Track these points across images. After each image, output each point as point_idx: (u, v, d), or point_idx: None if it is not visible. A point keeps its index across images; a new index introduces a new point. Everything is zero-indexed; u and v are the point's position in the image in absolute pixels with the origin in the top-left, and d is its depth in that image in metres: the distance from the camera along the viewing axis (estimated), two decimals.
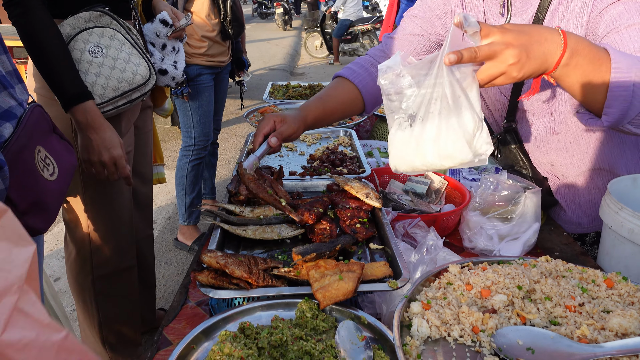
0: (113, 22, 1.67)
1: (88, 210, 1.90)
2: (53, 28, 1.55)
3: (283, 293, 1.04)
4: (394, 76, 0.98)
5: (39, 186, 1.23)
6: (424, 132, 0.98)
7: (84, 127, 1.62)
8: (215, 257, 1.05)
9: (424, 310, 0.94)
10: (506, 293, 0.96)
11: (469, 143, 0.94)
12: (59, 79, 1.57)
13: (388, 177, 1.80)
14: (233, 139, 6.22)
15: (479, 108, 0.94)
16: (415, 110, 0.98)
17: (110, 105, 1.69)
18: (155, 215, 4.20)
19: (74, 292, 2.11)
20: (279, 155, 1.98)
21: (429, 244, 1.16)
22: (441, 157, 0.98)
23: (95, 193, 1.88)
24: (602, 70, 0.98)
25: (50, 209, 1.28)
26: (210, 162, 3.91)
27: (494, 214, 1.51)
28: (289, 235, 1.26)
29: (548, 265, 1.06)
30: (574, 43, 0.96)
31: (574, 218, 1.66)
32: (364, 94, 1.53)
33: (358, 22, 11.49)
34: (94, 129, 1.62)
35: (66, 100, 1.59)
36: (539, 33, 0.95)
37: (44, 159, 1.27)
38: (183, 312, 1.27)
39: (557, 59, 0.95)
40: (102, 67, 1.65)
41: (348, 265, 1.06)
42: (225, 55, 3.33)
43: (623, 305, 0.95)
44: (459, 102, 0.93)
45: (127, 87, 1.70)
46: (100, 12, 1.65)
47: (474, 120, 0.93)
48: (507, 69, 0.92)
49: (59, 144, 1.35)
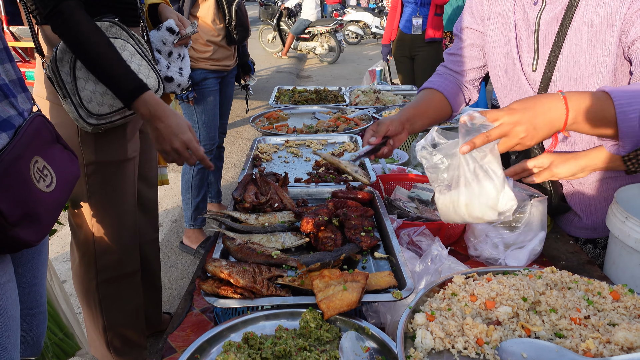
0: (123, 32, 1.69)
1: (93, 216, 1.91)
2: (95, 28, 1.56)
3: (287, 303, 1.04)
4: (428, 154, 1.19)
5: (32, 198, 1.20)
6: (458, 199, 1.16)
7: (148, 119, 1.61)
8: (220, 267, 1.05)
9: (428, 322, 0.93)
10: (511, 305, 0.96)
11: (492, 207, 1.14)
12: (115, 78, 1.58)
13: (394, 183, 1.80)
14: (239, 142, 6.24)
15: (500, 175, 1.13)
16: (449, 181, 1.18)
17: (119, 115, 1.71)
18: (161, 219, 4.22)
19: (80, 296, 2.12)
20: (285, 161, 1.99)
21: (434, 254, 1.16)
22: (473, 217, 1.18)
23: (101, 198, 1.89)
24: (608, 116, 1.09)
25: (43, 221, 1.24)
26: (216, 165, 3.92)
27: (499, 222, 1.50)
28: (293, 244, 1.26)
29: (553, 276, 1.06)
30: (575, 105, 1.09)
31: (589, 224, 1.65)
32: (448, 98, 1.73)
33: (318, 24, 12.27)
34: (158, 119, 1.61)
35: (126, 96, 1.59)
36: (542, 104, 1.10)
37: (41, 170, 1.24)
38: (188, 320, 1.27)
39: (563, 123, 1.10)
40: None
41: (352, 275, 1.06)
42: (231, 60, 3.34)
43: (629, 318, 0.94)
44: (479, 177, 1.13)
45: None
46: (110, 23, 1.66)
47: (495, 189, 1.12)
48: (520, 141, 1.09)
49: (62, 154, 1.33)
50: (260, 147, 2.12)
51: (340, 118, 2.54)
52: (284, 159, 2.02)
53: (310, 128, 2.45)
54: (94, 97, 1.66)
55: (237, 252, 1.20)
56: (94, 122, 1.68)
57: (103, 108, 1.69)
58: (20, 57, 6.40)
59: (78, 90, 1.64)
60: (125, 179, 1.96)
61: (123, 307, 2.16)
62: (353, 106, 2.95)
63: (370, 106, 2.93)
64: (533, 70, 1.50)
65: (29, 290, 1.44)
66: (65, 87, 1.63)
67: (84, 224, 1.95)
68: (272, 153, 2.08)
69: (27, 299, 1.43)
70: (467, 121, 1.10)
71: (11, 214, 1.12)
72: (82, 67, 1.63)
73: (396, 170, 1.99)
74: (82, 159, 1.81)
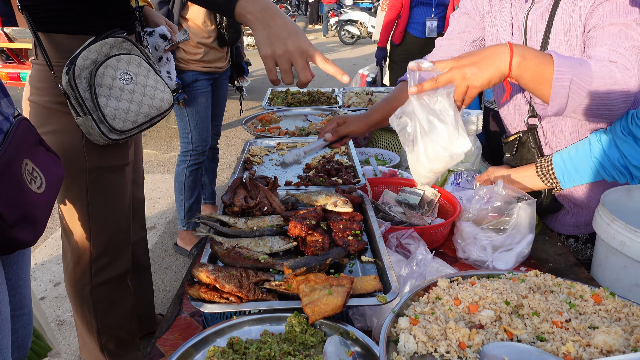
0: (133, 47, 1.71)
1: (91, 220, 1.90)
2: None
3: (273, 307, 1.04)
4: (396, 118, 1.32)
5: (27, 199, 1.23)
6: (419, 150, 1.28)
7: (260, 17, 1.26)
8: (206, 272, 1.06)
9: (412, 326, 0.94)
10: (493, 308, 0.97)
11: (445, 147, 1.23)
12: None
13: (383, 186, 1.81)
14: (234, 143, 6.24)
15: (453, 122, 1.22)
16: (413, 135, 1.29)
17: (137, 130, 1.73)
18: (156, 220, 4.22)
19: (72, 301, 2.12)
20: (276, 164, 1.99)
21: (419, 257, 1.17)
22: (430, 160, 1.28)
23: (100, 203, 1.89)
24: (547, 71, 1.20)
25: (38, 221, 1.28)
26: (210, 167, 3.92)
27: (487, 225, 1.51)
28: (281, 249, 1.27)
29: (537, 279, 1.07)
30: (520, 50, 1.20)
31: (574, 222, 1.67)
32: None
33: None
34: (272, 14, 1.26)
35: (227, 1, 1.28)
36: (488, 49, 1.22)
37: (32, 172, 1.28)
38: (177, 323, 1.28)
39: (508, 65, 1.20)
40: (134, 94, 1.70)
41: (338, 279, 1.07)
42: (223, 61, 3.34)
43: (610, 321, 0.95)
44: (433, 122, 1.23)
45: (156, 113, 1.77)
46: (123, 39, 1.67)
47: (447, 130, 1.22)
48: (468, 82, 1.19)
49: (46, 156, 1.36)
50: (252, 149, 2.13)
51: None
52: (275, 161, 2.02)
53: (302, 130, 2.46)
54: (117, 114, 1.67)
55: (224, 256, 1.21)
56: (116, 137, 1.70)
57: (127, 124, 1.71)
58: (14, 58, 6.39)
59: (101, 108, 1.64)
60: (124, 183, 1.96)
61: (116, 309, 2.16)
62: (346, 108, 2.96)
63: (363, 108, 2.94)
64: None
65: (15, 292, 1.45)
66: (85, 104, 1.63)
67: (81, 229, 1.94)
68: (264, 156, 2.09)
69: (13, 300, 1.45)
70: (414, 67, 1.22)
71: (9, 216, 1.16)
72: (102, 84, 1.63)
73: (387, 173, 1.99)
74: (86, 165, 1.80)
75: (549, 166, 1.48)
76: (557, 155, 1.46)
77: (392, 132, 2.41)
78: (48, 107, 1.74)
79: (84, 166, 1.80)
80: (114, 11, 1.72)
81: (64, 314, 3.02)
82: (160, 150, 5.90)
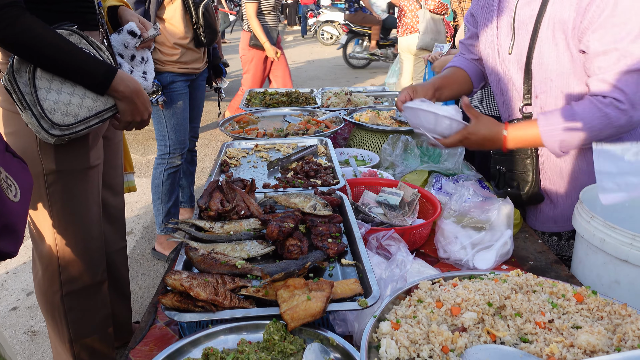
0: (82, 40, 1.62)
1: (55, 226, 1.84)
2: (47, 28, 1.50)
3: (250, 315, 1.01)
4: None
5: (7, 208, 1.18)
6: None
7: (129, 95, 1.66)
8: (180, 280, 1.02)
9: (393, 330, 0.92)
10: (476, 310, 0.95)
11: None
12: (83, 67, 1.56)
13: (363, 187, 1.78)
14: (213, 145, 6.16)
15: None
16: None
17: (83, 124, 1.64)
18: (133, 225, 4.13)
19: (43, 309, 2.04)
20: (254, 167, 1.95)
21: (399, 259, 1.14)
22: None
23: (63, 208, 1.82)
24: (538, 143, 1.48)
25: (18, 231, 1.23)
26: (189, 170, 3.85)
27: (467, 222, 1.50)
28: (258, 253, 1.23)
29: (519, 279, 1.05)
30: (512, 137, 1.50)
31: (558, 213, 1.67)
32: (470, 75, 1.92)
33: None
34: (137, 92, 1.68)
35: (101, 81, 1.60)
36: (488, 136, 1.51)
37: (6, 180, 1.22)
38: (151, 333, 1.23)
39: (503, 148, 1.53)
40: (77, 86, 1.62)
41: (317, 284, 1.03)
42: (200, 62, 3.28)
43: (592, 320, 0.94)
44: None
45: (102, 107, 1.66)
46: (69, 31, 1.60)
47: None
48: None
49: (14, 163, 1.29)
50: (229, 152, 2.08)
51: (311, 121, 2.52)
52: (252, 163, 1.98)
53: (280, 132, 2.42)
54: (57, 107, 1.59)
55: (200, 263, 1.16)
56: (58, 133, 1.61)
57: (68, 118, 1.62)
58: None
59: (40, 101, 1.56)
60: (88, 188, 1.89)
61: (90, 318, 2.09)
62: (324, 108, 2.93)
63: (342, 108, 2.92)
64: (509, 54, 1.61)
65: None
66: (25, 99, 1.56)
67: (46, 235, 1.87)
68: (241, 158, 2.04)
69: None
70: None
71: None
72: (42, 77, 1.56)
73: (367, 173, 1.97)
74: (42, 168, 1.74)
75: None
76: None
77: (372, 132, 2.39)
78: (3, 107, 1.68)
79: (40, 170, 1.73)
80: (65, 5, 1.66)
81: (37, 324, 2.92)
82: (137, 153, 5.78)
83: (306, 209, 1.39)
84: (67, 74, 1.57)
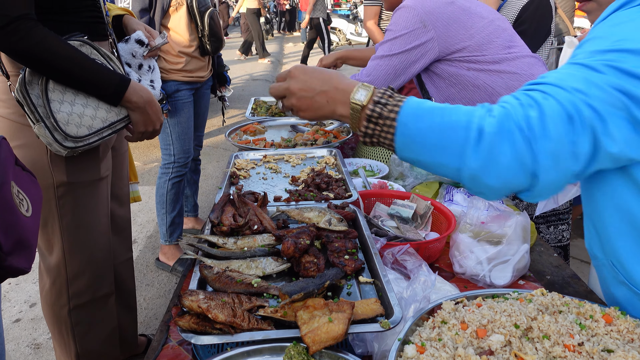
0: (93, 51, 1.61)
1: (64, 239, 1.81)
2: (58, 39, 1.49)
3: (270, 337, 0.98)
4: None
5: (20, 224, 1.17)
6: None
7: (142, 106, 1.67)
8: (197, 301, 0.99)
9: (419, 355, 0.89)
10: (503, 332, 0.92)
11: None
12: (96, 78, 1.56)
13: (374, 199, 1.76)
14: (216, 153, 6.14)
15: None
16: None
17: (96, 136, 1.63)
18: (136, 235, 4.10)
19: (50, 323, 2.01)
20: (263, 178, 1.93)
21: (421, 279, 1.12)
22: None
23: (73, 221, 1.80)
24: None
25: (32, 246, 1.22)
26: (193, 178, 3.83)
27: (484, 237, 1.48)
28: (274, 270, 1.21)
29: (544, 299, 1.03)
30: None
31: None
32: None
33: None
34: (150, 102, 1.69)
35: (115, 92, 1.60)
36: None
37: (18, 195, 1.20)
38: (164, 353, 1.20)
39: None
40: (89, 97, 1.61)
41: (338, 304, 1.01)
42: (205, 70, 3.26)
43: (623, 342, 0.91)
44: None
45: (115, 118, 1.66)
46: (80, 42, 1.58)
47: None
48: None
49: (24, 177, 1.28)
50: (238, 163, 2.06)
51: (319, 131, 2.50)
52: (262, 175, 1.96)
53: (288, 142, 2.40)
54: (71, 119, 1.58)
55: (215, 281, 1.14)
56: (71, 145, 1.60)
57: (82, 130, 1.60)
58: None
59: (53, 113, 1.54)
60: (98, 199, 1.87)
61: (97, 332, 2.06)
62: None
63: None
64: None
65: None
66: (38, 111, 1.54)
67: (55, 248, 1.85)
68: (250, 169, 2.02)
69: None
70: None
71: (5, 243, 1.11)
72: (55, 88, 1.55)
73: (377, 184, 1.95)
74: (52, 180, 1.72)
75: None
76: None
77: None
78: (12, 120, 1.65)
79: (50, 182, 1.71)
80: (76, 16, 1.65)
81: (40, 337, 2.88)
82: (139, 160, 5.75)
83: (321, 224, 1.37)
84: (80, 85, 1.56)
